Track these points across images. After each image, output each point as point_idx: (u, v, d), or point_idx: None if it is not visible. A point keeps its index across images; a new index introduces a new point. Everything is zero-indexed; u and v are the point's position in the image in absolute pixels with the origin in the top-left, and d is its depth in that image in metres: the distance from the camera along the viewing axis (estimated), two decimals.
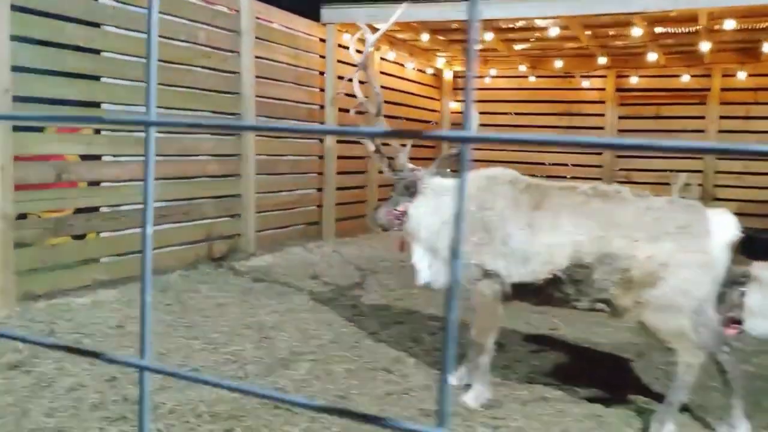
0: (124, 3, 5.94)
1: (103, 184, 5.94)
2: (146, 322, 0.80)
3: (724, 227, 3.24)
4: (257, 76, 7.52)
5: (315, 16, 8.75)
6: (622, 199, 3.39)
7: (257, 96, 7.53)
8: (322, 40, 8.82)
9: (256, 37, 7.50)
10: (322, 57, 8.85)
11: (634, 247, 3.19)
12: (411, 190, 4.04)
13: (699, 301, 3.21)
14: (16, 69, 4.91)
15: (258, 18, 7.58)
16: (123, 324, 4.70)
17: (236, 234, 7.45)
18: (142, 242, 0.80)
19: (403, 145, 4.33)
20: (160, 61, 6.27)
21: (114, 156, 5.97)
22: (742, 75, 10.32)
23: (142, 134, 5.17)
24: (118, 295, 5.41)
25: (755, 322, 5.21)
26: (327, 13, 8.69)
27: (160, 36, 6.24)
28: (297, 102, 8.52)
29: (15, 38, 4.90)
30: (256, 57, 7.51)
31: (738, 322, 5.27)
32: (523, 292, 3.55)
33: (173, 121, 0.86)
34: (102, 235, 5.95)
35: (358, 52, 9.57)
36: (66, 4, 5.42)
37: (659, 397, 3.58)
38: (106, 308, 5.05)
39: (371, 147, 4.37)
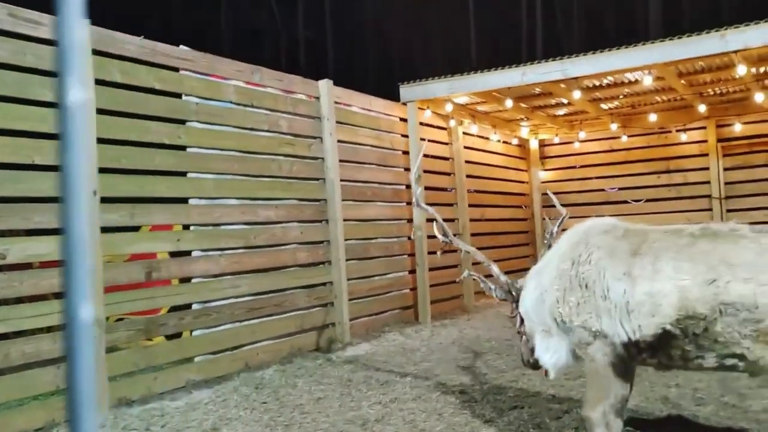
0: (207, 99, 5.97)
1: (194, 280, 5.80)
2: None
3: None
4: (341, 160, 7.39)
5: (394, 96, 8.67)
6: (739, 237, 2.84)
7: (342, 180, 7.37)
8: (403, 120, 8.69)
9: (337, 122, 7.43)
10: (405, 136, 8.69)
11: (763, 292, 2.63)
12: (514, 293, 3.71)
13: None
14: (102, 170, 4.91)
15: (337, 102, 7.52)
16: (218, 427, 4.38)
17: (330, 323, 7.14)
18: None
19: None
20: (244, 152, 6.24)
21: (203, 251, 5.84)
22: None
23: (231, 227, 5.01)
24: (213, 395, 5.13)
25: None
26: (405, 91, 8.59)
27: (243, 128, 6.27)
28: (382, 183, 8.32)
29: (101, 141, 4.92)
30: (339, 141, 7.40)
31: None
32: (636, 352, 3.01)
33: None
34: (195, 333, 5.75)
35: (440, 128, 9.43)
36: (151, 103, 5.48)
37: None
38: (201, 410, 4.75)
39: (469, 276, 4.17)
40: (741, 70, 7.53)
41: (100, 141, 4.90)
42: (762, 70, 8.22)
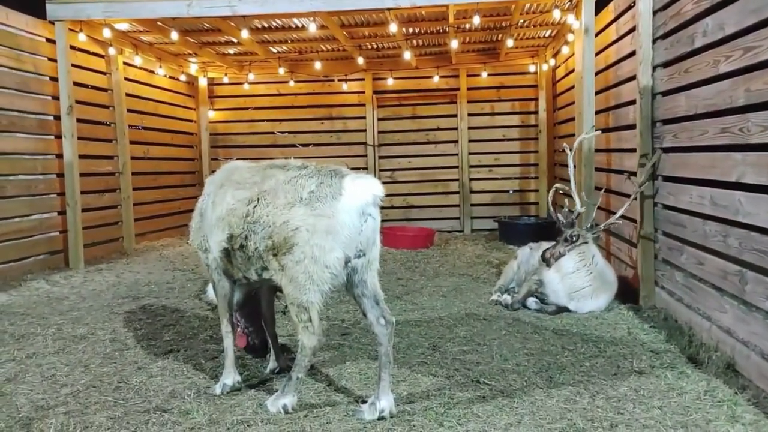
0: None
1: None
2: None
3: (357, 191, 3.12)
4: None
5: (40, 13, 7.53)
6: (281, 169, 3.34)
7: None
8: (51, 41, 7.64)
9: None
10: (53, 60, 7.66)
11: (274, 213, 3.18)
12: None
13: (330, 271, 3.11)
14: None
15: None
16: None
17: None
18: None
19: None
20: None
21: None
22: (484, 74, 11.04)
23: None
24: None
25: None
26: (54, 9, 7.52)
27: None
28: (24, 112, 7.27)
29: None
30: None
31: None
32: (225, 263, 3.56)
33: None
34: None
35: (98, 55, 8.54)
36: None
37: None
38: None
39: None
40: (393, 27, 8.19)
41: None
42: (411, 30, 9.07)
